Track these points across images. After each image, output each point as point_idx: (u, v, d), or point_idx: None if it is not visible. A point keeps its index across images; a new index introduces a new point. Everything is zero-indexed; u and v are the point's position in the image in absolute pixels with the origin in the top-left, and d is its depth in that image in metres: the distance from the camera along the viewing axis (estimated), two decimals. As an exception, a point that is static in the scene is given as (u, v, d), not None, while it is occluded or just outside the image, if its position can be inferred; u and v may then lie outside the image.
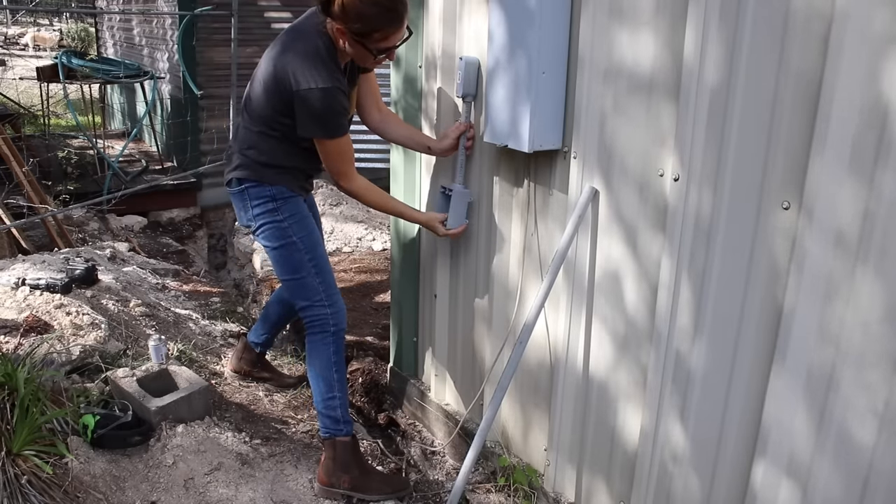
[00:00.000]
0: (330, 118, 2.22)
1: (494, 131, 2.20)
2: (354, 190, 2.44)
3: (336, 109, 2.21)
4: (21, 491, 2.04)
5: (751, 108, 1.58)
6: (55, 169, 6.27)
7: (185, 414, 2.61)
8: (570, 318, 2.19)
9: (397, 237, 3.01)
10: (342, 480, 2.45)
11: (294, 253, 2.40)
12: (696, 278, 1.76)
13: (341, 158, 2.35)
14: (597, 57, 1.95)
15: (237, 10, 5.82)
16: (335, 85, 2.18)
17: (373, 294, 4.25)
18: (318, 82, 2.15)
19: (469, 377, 2.74)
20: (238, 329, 3.79)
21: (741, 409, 1.71)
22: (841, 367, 1.49)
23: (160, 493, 2.31)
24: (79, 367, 2.75)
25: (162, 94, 7.33)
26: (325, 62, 2.18)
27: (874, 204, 1.39)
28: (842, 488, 1.52)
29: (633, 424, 2.04)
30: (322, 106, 2.18)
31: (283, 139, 2.32)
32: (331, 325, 2.42)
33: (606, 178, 1.99)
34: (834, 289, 1.48)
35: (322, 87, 2.15)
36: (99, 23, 10.19)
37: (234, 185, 2.43)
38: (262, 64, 2.30)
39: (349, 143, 2.34)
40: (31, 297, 3.03)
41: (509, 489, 2.45)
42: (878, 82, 1.35)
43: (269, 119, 2.29)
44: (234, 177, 2.41)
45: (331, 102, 2.19)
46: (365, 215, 5.50)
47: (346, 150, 2.34)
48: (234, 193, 2.45)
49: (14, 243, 4.63)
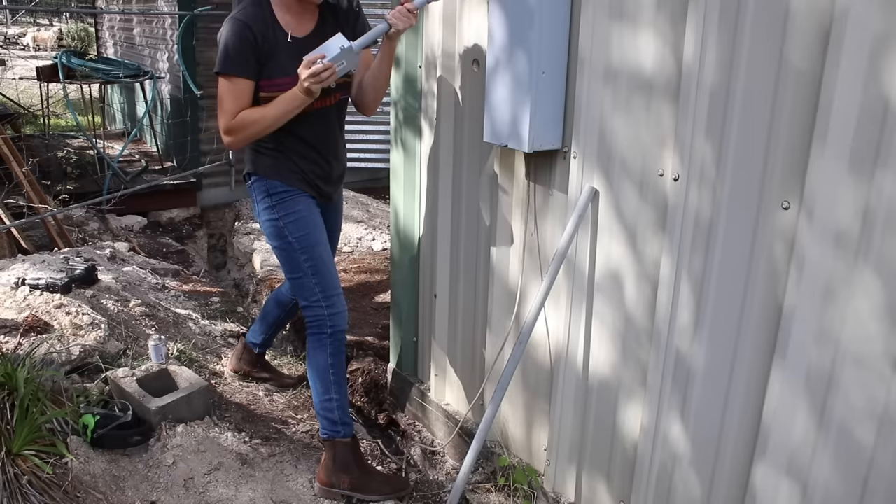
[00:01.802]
0: (224, 49, 2.16)
1: (494, 131, 2.20)
2: (229, 126, 2.20)
3: (233, 41, 2.14)
4: (21, 491, 2.04)
5: (751, 107, 1.58)
6: (55, 169, 6.26)
7: (185, 414, 2.61)
8: (570, 317, 2.18)
9: (397, 237, 3.01)
10: (342, 480, 2.45)
11: (290, 253, 2.40)
12: (696, 278, 1.76)
13: (225, 93, 2.18)
14: (597, 57, 1.95)
15: (237, 10, 5.82)
16: (245, 20, 2.14)
17: (373, 294, 4.25)
18: (231, 18, 2.16)
19: (469, 377, 2.74)
20: (238, 329, 3.79)
21: (741, 409, 1.71)
22: (841, 366, 1.49)
23: (160, 493, 2.31)
24: (79, 367, 2.75)
25: (162, 94, 7.33)
26: (255, 6, 2.18)
27: (874, 204, 1.39)
28: (842, 488, 1.52)
29: (633, 424, 2.04)
30: (221, 37, 2.17)
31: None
32: (328, 327, 2.41)
33: (606, 178, 1.99)
34: (834, 288, 1.48)
35: (229, 19, 2.16)
36: (99, 23, 10.19)
37: (246, 179, 2.48)
38: None
39: (237, 91, 2.16)
40: (31, 297, 3.03)
41: (509, 489, 2.45)
42: (878, 82, 1.35)
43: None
44: (244, 171, 2.47)
45: (228, 33, 2.15)
46: (365, 215, 5.50)
47: (230, 86, 2.16)
48: (248, 188, 2.49)
49: (14, 243, 4.63)
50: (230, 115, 2.20)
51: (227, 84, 2.19)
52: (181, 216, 6.67)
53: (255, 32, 2.18)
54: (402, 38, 2.73)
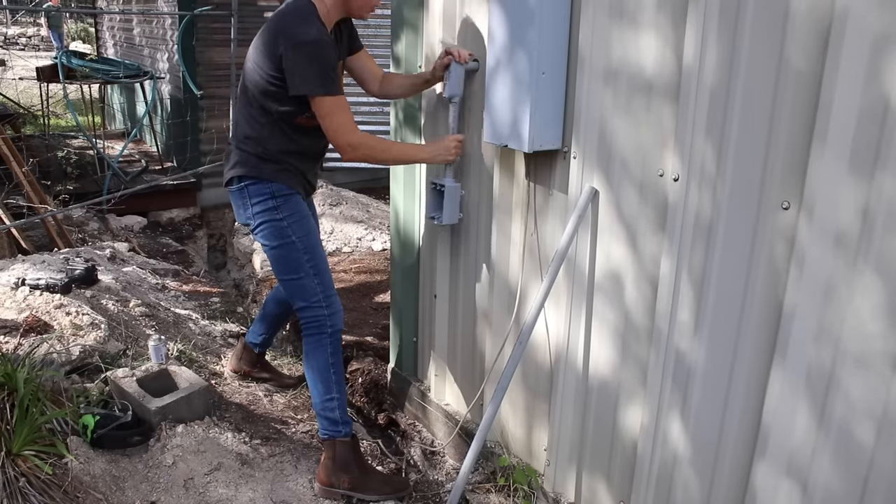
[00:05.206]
0: (322, 71, 2.20)
1: (494, 131, 2.20)
2: (359, 142, 2.31)
3: (327, 61, 2.20)
4: (21, 491, 2.04)
5: (751, 108, 1.58)
6: (55, 169, 6.26)
7: (185, 414, 2.61)
8: (571, 317, 2.18)
9: (397, 237, 3.01)
10: (342, 481, 2.45)
11: (292, 253, 2.40)
12: (696, 278, 1.76)
13: (339, 111, 2.26)
14: (597, 57, 1.95)
15: (237, 10, 5.83)
16: (323, 38, 2.19)
17: (373, 294, 4.25)
18: (305, 36, 2.16)
19: (469, 377, 2.74)
20: (238, 329, 3.79)
21: (741, 409, 1.71)
22: (841, 366, 1.49)
23: (160, 493, 2.31)
24: (79, 368, 2.75)
25: (162, 94, 7.33)
26: (310, 20, 2.20)
27: (874, 204, 1.39)
28: (842, 488, 1.52)
29: (634, 424, 2.04)
30: (311, 59, 2.18)
31: (277, 119, 2.31)
32: (328, 327, 2.42)
33: (606, 178, 1.99)
34: (834, 288, 1.48)
35: (309, 40, 2.16)
36: (99, 23, 10.19)
37: (234, 183, 2.43)
38: (251, 47, 2.32)
39: (344, 104, 2.27)
40: (31, 297, 3.03)
41: (509, 489, 2.45)
42: (878, 82, 1.35)
43: (262, 94, 2.28)
44: (234, 175, 2.41)
45: (319, 54, 2.18)
46: (365, 215, 5.49)
47: (341, 103, 2.26)
48: (234, 192, 2.45)
49: (14, 243, 4.63)
50: (355, 127, 2.30)
51: (335, 101, 2.24)
52: (181, 216, 6.67)
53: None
54: (403, 37, 2.75)
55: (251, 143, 2.36)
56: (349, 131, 2.28)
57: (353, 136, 2.29)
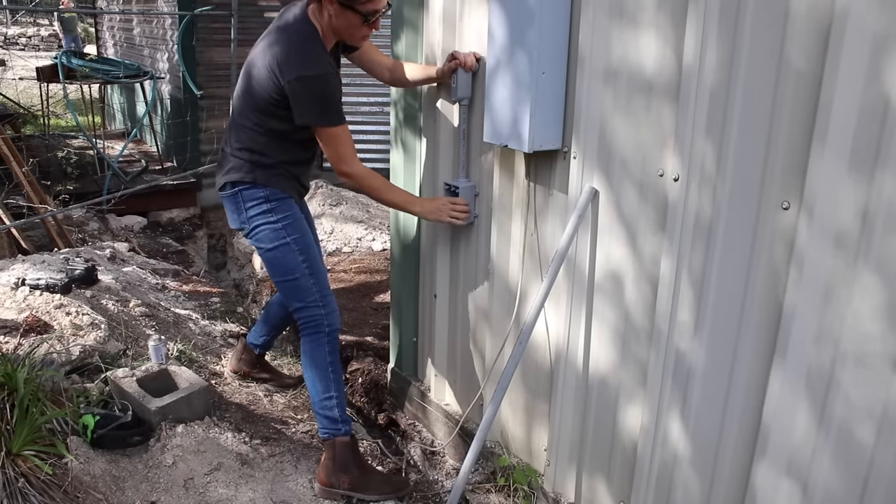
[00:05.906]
0: (328, 104, 2.25)
1: (495, 131, 2.20)
2: (356, 174, 2.39)
3: (332, 94, 2.25)
4: (21, 491, 2.04)
5: (751, 108, 1.58)
6: (55, 169, 6.26)
7: (185, 414, 2.61)
8: (570, 317, 2.18)
9: (397, 237, 3.01)
10: (342, 481, 2.45)
11: (288, 254, 2.41)
12: (696, 278, 1.76)
13: (341, 142, 2.34)
14: (597, 57, 1.95)
15: (237, 10, 5.83)
16: (327, 70, 2.22)
17: (373, 294, 4.25)
18: (310, 69, 2.19)
19: (469, 377, 2.74)
20: (238, 329, 3.79)
21: (741, 409, 1.71)
22: (840, 366, 1.49)
23: (160, 494, 2.31)
24: (79, 368, 2.75)
25: (162, 94, 7.33)
26: (314, 49, 2.23)
27: (874, 204, 1.39)
28: (842, 488, 1.52)
29: (634, 424, 2.04)
30: (318, 92, 2.22)
31: (275, 135, 2.34)
32: (325, 326, 2.43)
33: (606, 178, 1.99)
34: (833, 288, 1.48)
35: (315, 73, 2.19)
36: (99, 23, 10.19)
37: (227, 188, 2.45)
38: (251, 59, 2.33)
39: (348, 134, 2.35)
40: (31, 297, 3.03)
41: (509, 489, 2.45)
42: (878, 82, 1.35)
43: (262, 112, 2.31)
44: (228, 180, 2.43)
45: (325, 87, 2.23)
46: (365, 215, 5.49)
47: (344, 133, 2.33)
48: (227, 197, 2.46)
49: (14, 243, 4.63)
50: (355, 158, 2.38)
51: (337, 131, 2.31)
52: (181, 216, 6.67)
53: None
54: (403, 37, 2.75)
55: (246, 151, 2.38)
56: (348, 162, 2.36)
57: (352, 167, 2.37)
